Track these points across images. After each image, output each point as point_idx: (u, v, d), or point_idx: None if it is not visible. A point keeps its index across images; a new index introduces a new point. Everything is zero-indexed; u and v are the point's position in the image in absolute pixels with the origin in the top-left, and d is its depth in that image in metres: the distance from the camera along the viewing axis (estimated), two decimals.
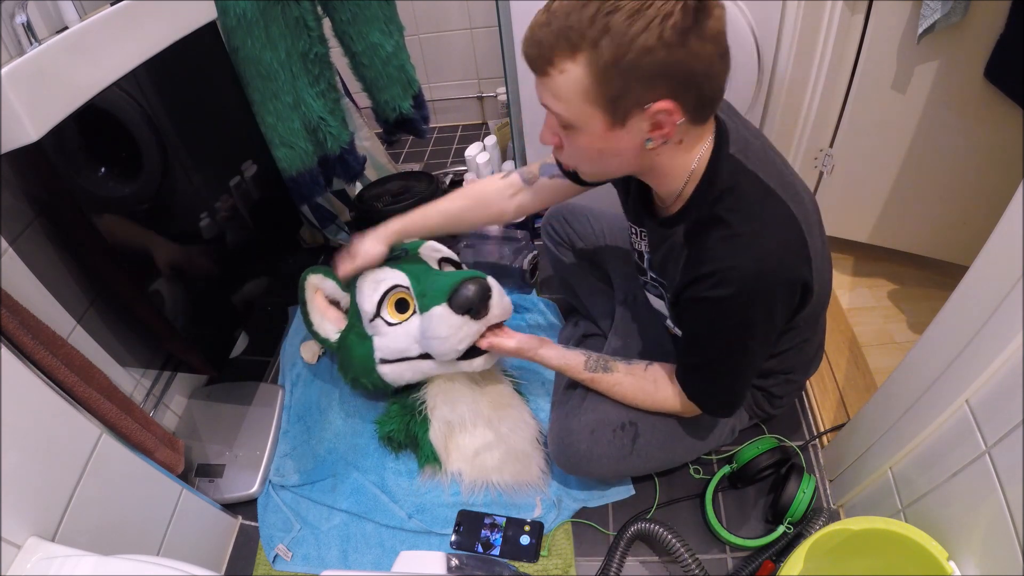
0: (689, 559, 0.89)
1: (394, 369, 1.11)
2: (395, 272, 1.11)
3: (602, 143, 0.67)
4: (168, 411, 1.25)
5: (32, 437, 0.73)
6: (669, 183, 0.74)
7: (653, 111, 0.62)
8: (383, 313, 1.10)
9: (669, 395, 0.89)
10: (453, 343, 1.00)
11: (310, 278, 1.23)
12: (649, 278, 0.94)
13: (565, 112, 0.65)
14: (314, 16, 1.26)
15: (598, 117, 0.64)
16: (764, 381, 0.99)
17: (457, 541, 1.05)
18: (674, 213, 0.77)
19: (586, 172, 0.75)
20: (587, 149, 0.69)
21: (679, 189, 0.74)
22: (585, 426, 0.95)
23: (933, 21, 0.99)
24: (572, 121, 0.66)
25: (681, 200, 0.75)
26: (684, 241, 0.77)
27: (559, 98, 0.64)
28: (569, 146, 0.70)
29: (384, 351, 1.10)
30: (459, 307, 0.99)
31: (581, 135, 0.67)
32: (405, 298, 1.10)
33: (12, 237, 0.90)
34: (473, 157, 1.72)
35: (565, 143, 0.70)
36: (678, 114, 0.63)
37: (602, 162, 0.71)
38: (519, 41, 1.36)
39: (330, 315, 1.25)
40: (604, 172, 0.76)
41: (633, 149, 0.67)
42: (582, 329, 1.28)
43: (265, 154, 1.31)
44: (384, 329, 1.10)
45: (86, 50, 0.86)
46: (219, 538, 1.10)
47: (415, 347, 1.07)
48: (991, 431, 0.64)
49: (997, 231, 0.64)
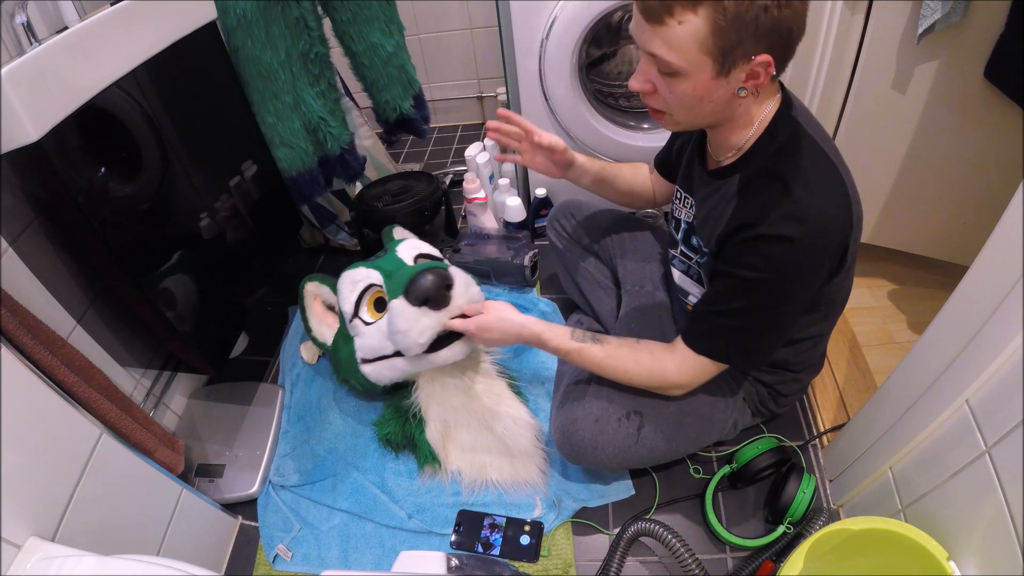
0: (689, 559, 0.89)
1: (375, 368, 1.11)
2: (370, 271, 1.12)
3: (704, 90, 0.71)
4: (168, 411, 1.25)
5: (32, 437, 0.73)
6: (738, 134, 0.78)
7: (755, 63, 0.67)
8: (361, 313, 1.11)
9: (668, 365, 0.87)
10: (413, 336, 0.98)
11: (308, 285, 1.28)
12: (679, 251, 0.96)
13: (677, 60, 0.68)
14: (314, 16, 1.26)
15: (707, 66, 0.68)
16: (773, 378, 1.00)
17: (457, 541, 1.05)
18: (732, 162, 0.81)
19: (678, 118, 0.78)
20: (688, 96, 0.72)
21: (742, 140, 0.79)
22: (589, 414, 0.95)
23: (933, 21, 0.99)
24: (681, 68, 0.69)
25: (742, 151, 0.79)
26: (737, 191, 0.80)
27: (672, 47, 0.67)
28: (669, 92, 0.73)
29: (363, 350, 1.11)
30: (415, 298, 0.97)
31: (685, 82, 0.70)
32: (383, 297, 1.11)
33: (12, 237, 0.90)
34: (473, 157, 1.72)
35: (663, 89, 0.73)
36: (772, 67, 0.68)
37: (698, 108, 0.74)
38: (519, 41, 1.37)
39: (328, 320, 1.28)
40: (694, 118, 0.78)
41: (726, 97, 0.72)
42: (585, 326, 1.28)
43: (265, 154, 1.31)
44: (362, 329, 1.11)
45: (86, 50, 0.86)
46: (219, 538, 1.10)
47: (388, 345, 1.06)
48: (991, 431, 0.64)
49: (997, 231, 0.64)
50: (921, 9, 1.01)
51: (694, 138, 0.92)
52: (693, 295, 0.98)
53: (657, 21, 0.67)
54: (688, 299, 1.00)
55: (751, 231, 0.74)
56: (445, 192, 1.66)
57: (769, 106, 0.77)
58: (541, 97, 1.43)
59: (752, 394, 1.02)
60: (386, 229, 1.36)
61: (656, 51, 0.69)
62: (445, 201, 1.65)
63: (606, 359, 0.90)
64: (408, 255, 1.15)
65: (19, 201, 0.91)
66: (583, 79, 1.43)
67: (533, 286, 1.52)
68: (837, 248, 0.76)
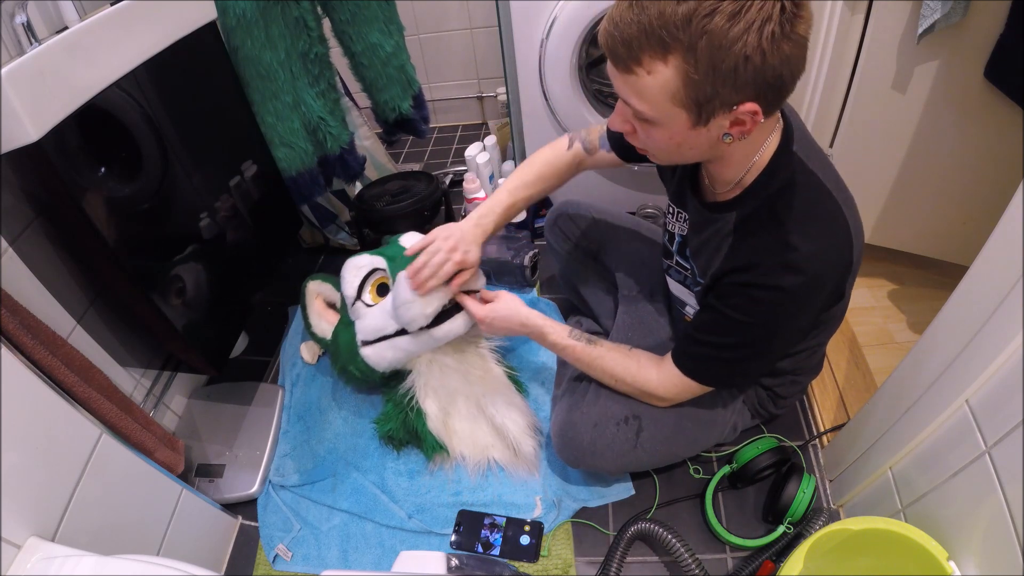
0: (689, 559, 0.89)
1: (376, 350, 1.11)
2: (374, 258, 1.14)
3: (681, 138, 0.67)
4: (168, 411, 1.25)
5: (32, 437, 0.73)
6: (732, 171, 0.74)
7: (739, 112, 0.62)
8: (364, 296, 1.13)
9: (652, 376, 0.89)
10: (419, 307, 0.99)
11: (310, 284, 1.31)
12: (675, 262, 0.95)
13: (648, 111, 0.64)
14: (314, 16, 1.26)
15: (682, 117, 0.64)
16: (772, 380, 0.99)
17: (457, 541, 1.05)
18: (729, 200, 0.77)
19: (659, 159, 0.75)
20: (665, 143, 0.68)
21: (738, 177, 0.74)
22: (588, 419, 0.95)
23: (933, 21, 0.99)
24: (653, 119, 0.65)
25: (739, 187, 0.75)
26: (733, 229, 0.77)
27: (643, 97, 0.63)
28: (645, 137, 0.70)
29: (364, 332, 1.11)
30: None
31: (660, 130, 0.67)
32: (386, 282, 1.13)
33: (12, 237, 0.90)
34: (473, 157, 1.72)
35: (640, 132, 0.70)
36: (760, 114, 0.62)
37: (678, 153, 0.71)
38: (519, 41, 1.37)
39: (328, 316, 1.29)
40: (676, 160, 0.75)
41: (710, 142, 0.67)
42: (584, 327, 1.28)
43: (265, 154, 1.31)
44: (363, 311, 1.12)
45: (86, 50, 0.86)
46: (219, 538, 1.10)
47: (391, 323, 1.07)
48: (991, 431, 0.64)
49: (997, 231, 0.64)
50: (921, 9, 1.01)
51: None
52: (691, 305, 0.97)
53: (625, 69, 0.62)
54: (686, 309, 0.98)
55: (744, 275, 0.73)
56: (445, 192, 1.66)
57: (766, 141, 0.71)
58: (541, 97, 1.43)
59: (751, 396, 1.02)
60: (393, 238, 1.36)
61: (627, 99, 0.65)
62: (445, 201, 1.65)
63: (595, 360, 0.93)
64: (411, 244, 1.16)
65: (19, 201, 0.91)
66: (583, 79, 1.43)
67: (533, 286, 1.52)
68: (832, 288, 0.75)
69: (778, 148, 0.72)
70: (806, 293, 0.72)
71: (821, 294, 0.74)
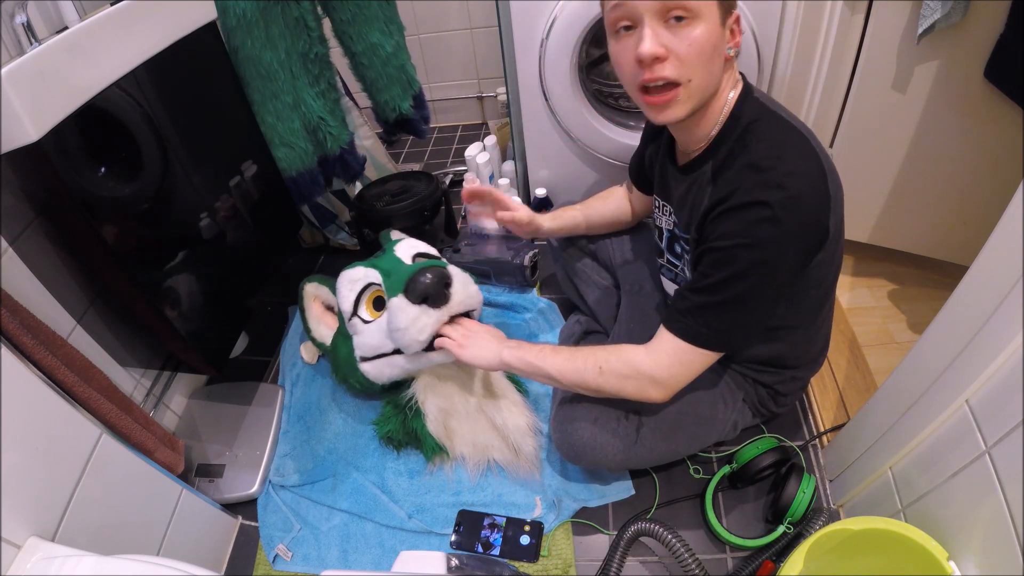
0: (689, 559, 0.89)
1: (375, 366, 1.11)
2: (368, 271, 1.12)
3: (715, 39, 0.73)
4: (168, 411, 1.25)
5: (32, 437, 0.73)
6: (708, 120, 0.81)
7: (732, 19, 0.74)
8: (360, 312, 1.11)
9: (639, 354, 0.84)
10: (413, 334, 0.99)
11: (307, 287, 1.29)
12: (666, 260, 0.97)
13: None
14: (314, 16, 1.26)
15: (715, 11, 0.72)
16: (772, 378, 1.00)
17: (457, 541, 1.05)
18: (702, 152, 0.83)
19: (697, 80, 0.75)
20: (705, 44, 0.72)
21: (711, 129, 0.81)
22: (588, 414, 0.95)
23: (933, 21, 0.99)
24: (697, 9, 0.70)
25: (709, 139, 0.82)
26: (711, 178, 0.81)
27: None
28: (687, 45, 0.72)
29: (362, 349, 1.11)
30: (415, 295, 0.98)
31: (700, 26, 0.71)
32: (381, 296, 1.11)
33: (12, 237, 0.90)
34: (473, 157, 1.72)
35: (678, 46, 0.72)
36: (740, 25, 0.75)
37: (711, 65, 0.75)
38: (519, 41, 1.37)
39: (327, 320, 1.29)
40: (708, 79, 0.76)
41: (722, 56, 0.76)
42: (584, 326, 1.28)
43: (265, 154, 1.31)
44: (361, 327, 1.11)
45: (86, 50, 0.86)
46: (219, 538, 1.10)
47: (388, 343, 1.06)
48: (991, 431, 0.64)
49: (997, 231, 0.64)
50: (921, 9, 1.00)
51: (663, 142, 0.93)
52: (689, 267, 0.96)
53: None
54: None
55: (726, 203, 0.75)
56: (445, 192, 1.66)
57: (732, 92, 0.80)
58: (541, 97, 1.43)
59: (752, 395, 1.02)
60: (383, 233, 1.37)
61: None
62: (445, 201, 1.65)
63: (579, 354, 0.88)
64: (406, 254, 1.15)
65: (19, 201, 0.91)
66: (583, 79, 1.43)
67: (533, 286, 1.52)
68: (814, 217, 0.75)
69: (740, 96, 0.80)
70: (786, 209, 0.71)
71: (803, 219, 0.73)
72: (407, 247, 1.18)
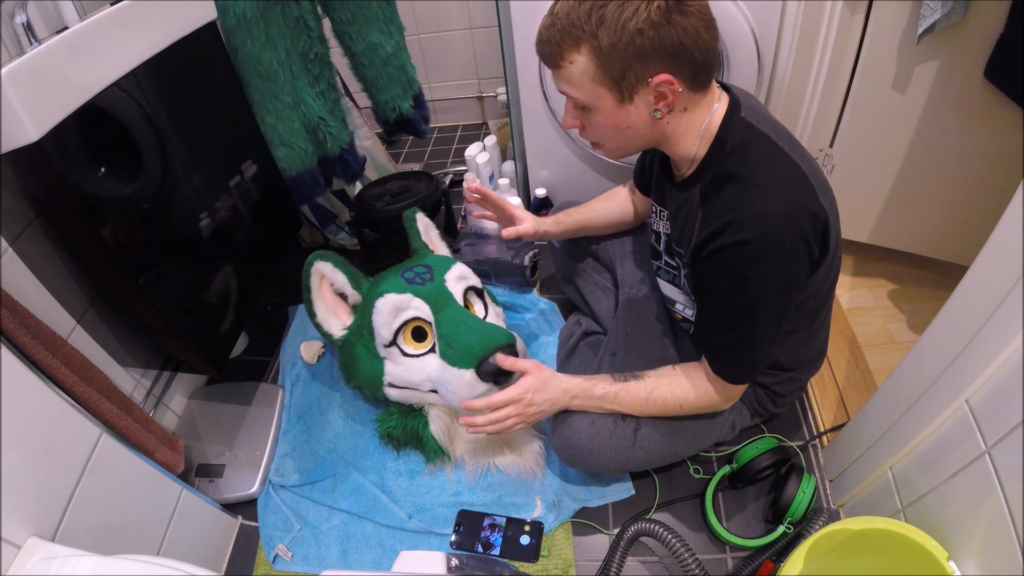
0: (689, 559, 0.89)
1: (401, 394, 1.11)
2: (419, 302, 1.08)
3: (616, 118, 0.76)
4: (168, 411, 1.25)
5: (32, 437, 0.73)
6: (683, 147, 0.81)
7: (655, 84, 0.71)
8: (399, 341, 1.09)
9: (707, 384, 0.89)
10: (466, 395, 1.02)
11: (317, 264, 1.14)
12: (663, 262, 0.98)
13: (580, 95, 0.75)
14: (314, 16, 1.26)
15: (608, 96, 0.74)
16: (770, 379, 1.00)
17: (457, 541, 1.05)
18: (691, 174, 0.83)
19: (610, 147, 0.83)
20: (604, 126, 0.78)
21: (692, 152, 0.81)
22: (586, 417, 0.96)
23: (933, 21, 0.99)
24: (587, 102, 0.75)
25: (696, 162, 0.82)
26: (700, 201, 0.81)
27: (572, 85, 0.75)
28: (589, 126, 0.80)
29: (395, 378, 1.09)
30: (487, 375, 1.00)
31: (596, 114, 0.77)
32: (423, 328, 1.08)
33: (12, 237, 0.90)
34: (473, 157, 1.72)
35: (585, 124, 0.80)
36: (677, 84, 0.71)
37: (620, 136, 0.79)
38: (519, 41, 1.37)
39: (340, 313, 1.19)
40: (625, 145, 0.82)
41: (645, 121, 0.76)
42: (584, 327, 1.28)
43: (265, 154, 1.31)
44: (400, 359, 1.08)
45: (86, 50, 0.86)
46: (219, 538, 1.10)
47: (427, 384, 1.07)
48: (991, 431, 0.64)
49: (997, 231, 0.64)
50: (921, 9, 1.01)
51: (658, 153, 0.93)
52: (680, 303, 1.00)
53: (555, 66, 0.74)
54: (675, 307, 1.02)
55: (714, 243, 0.76)
56: (445, 192, 1.66)
57: (708, 114, 0.78)
58: (541, 97, 1.43)
59: (749, 395, 1.02)
60: (407, 213, 1.30)
61: (564, 91, 0.77)
62: (445, 201, 1.65)
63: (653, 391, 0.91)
64: (457, 289, 1.12)
65: (19, 201, 0.91)
66: None
67: (533, 286, 1.52)
68: (802, 238, 0.74)
69: (725, 116, 0.78)
70: (768, 240, 0.72)
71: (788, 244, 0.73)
72: (457, 279, 1.13)
